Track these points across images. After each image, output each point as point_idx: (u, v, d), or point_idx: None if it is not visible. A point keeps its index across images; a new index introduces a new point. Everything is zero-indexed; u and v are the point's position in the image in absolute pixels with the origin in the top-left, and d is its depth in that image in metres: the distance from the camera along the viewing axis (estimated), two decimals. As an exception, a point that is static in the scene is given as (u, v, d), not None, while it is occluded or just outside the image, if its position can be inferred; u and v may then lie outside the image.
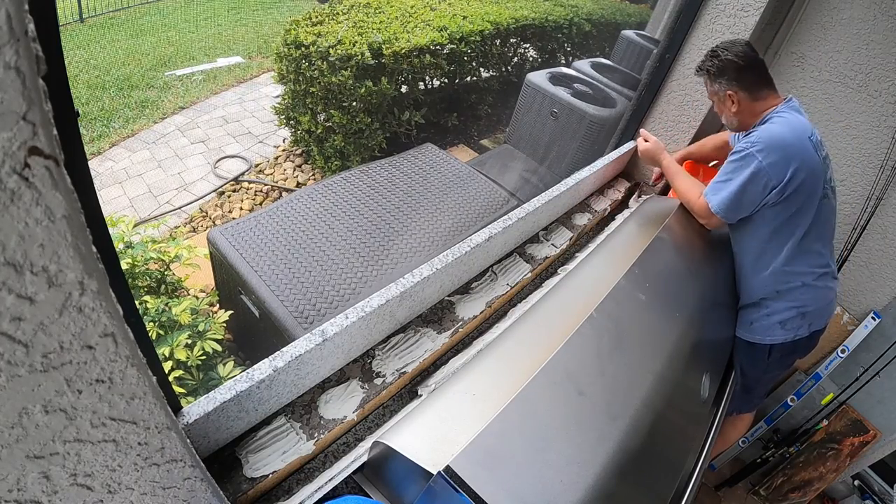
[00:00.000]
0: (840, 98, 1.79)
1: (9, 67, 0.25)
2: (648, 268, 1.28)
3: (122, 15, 6.57)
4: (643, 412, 0.97)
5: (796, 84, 1.86)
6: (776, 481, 2.12)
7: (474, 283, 1.38)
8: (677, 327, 1.23)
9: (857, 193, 1.83)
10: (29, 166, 0.28)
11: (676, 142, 1.92)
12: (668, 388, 1.07)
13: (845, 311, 2.00)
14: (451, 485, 0.70)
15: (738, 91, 1.38)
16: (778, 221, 1.37)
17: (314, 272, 2.04)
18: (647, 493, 0.94)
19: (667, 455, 1.04)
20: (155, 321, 1.82)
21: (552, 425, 0.85)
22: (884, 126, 1.72)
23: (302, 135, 3.88)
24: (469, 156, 4.29)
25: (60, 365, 0.37)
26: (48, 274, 0.32)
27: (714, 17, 1.69)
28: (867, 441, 1.94)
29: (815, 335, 1.51)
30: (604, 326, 1.06)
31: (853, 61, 1.73)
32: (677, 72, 1.83)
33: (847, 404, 1.97)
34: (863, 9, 1.66)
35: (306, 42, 3.46)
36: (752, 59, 1.36)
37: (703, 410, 1.25)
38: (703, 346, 1.33)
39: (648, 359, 1.09)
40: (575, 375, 0.94)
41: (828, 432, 2.01)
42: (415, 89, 3.96)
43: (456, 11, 4.11)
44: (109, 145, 4.16)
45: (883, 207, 1.78)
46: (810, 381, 2.02)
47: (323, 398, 1.00)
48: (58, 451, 0.41)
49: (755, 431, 2.16)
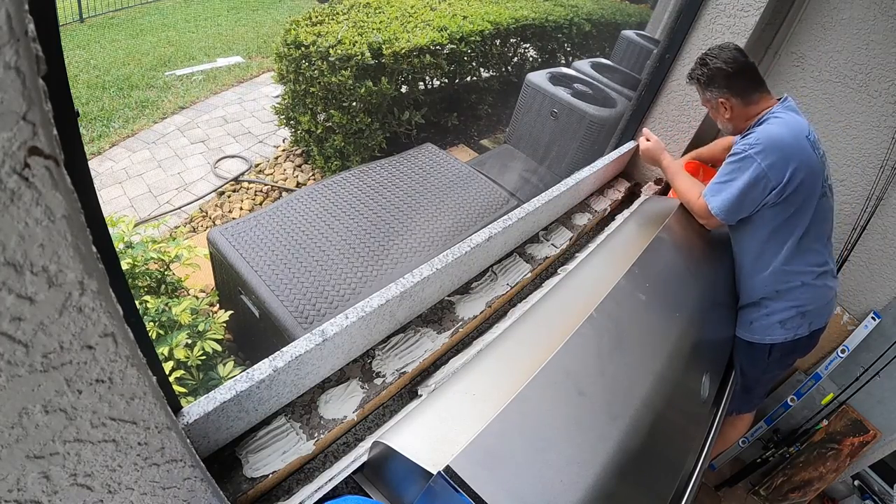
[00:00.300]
0: (840, 98, 1.79)
1: (9, 67, 0.25)
2: (648, 268, 1.28)
3: (122, 15, 6.57)
4: (643, 412, 0.97)
5: (796, 84, 1.86)
6: (776, 481, 2.12)
7: (474, 283, 1.38)
8: (677, 327, 1.23)
9: (857, 193, 1.83)
10: (29, 166, 0.28)
11: (676, 142, 1.92)
12: (668, 388, 1.07)
13: (845, 311, 2.00)
14: (451, 485, 0.70)
15: (729, 98, 1.37)
16: (777, 221, 1.37)
17: (314, 272, 2.04)
18: (647, 493, 0.94)
19: (667, 455, 1.04)
20: (155, 321, 1.82)
21: (552, 425, 0.85)
22: (884, 126, 1.72)
23: (302, 135, 3.88)
24: (469, 156, 4.29)
25: (60, 365, 0.37)
26: (48, 274, 0.32)
27: (714, 17, 1.69)
28: (867, 441, 1.94)
29: (815, 334, 1.51)
30: (604, 326, 1.06)
31: (853, 61, 1.73)
32: (677, 72, 1.83)
33: (847, 404, 1.97)
34: (863, 9, 1.66)
35: (306, 42, 3.46)
36: (741, 64, 1.36)
37: (703, 410, 1.25)
38: (703, 346, 1.33)
39: (648, 359, 1.09)
40: (575, 375, 0.94)
41: (828, 432, 2.01)
42: (415, 89, 3.96)
43: (456, 11, 4.11)
44: (109, 145, 4.17)
45: (883, 207, 1.78)
46: (810, 381, 2.02)
47: (323, 398, 1.00)
48: (58, 451, 0.41)
49: (755, 431, 2.16)
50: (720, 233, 1.56)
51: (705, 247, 1.53)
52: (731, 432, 1.90)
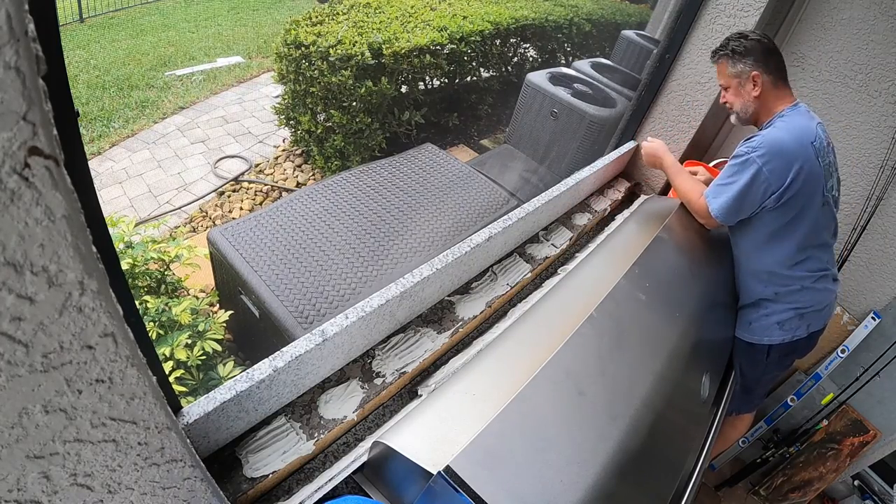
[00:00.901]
0: (840, 98, 1.79)
1: (9, 67, 0.25)
2: (648, 268, 1.28)
3: (122, 15, 6.57)
4: (643, 412, 0.97)
5: (796, 84, 1.86)
6: (776, 481, 2.12)
7: (474, 283, 1.38)
8: (677, 327, 1.23)
9: (857, 193, 1.83)
10: (29, 166, 0.28)
11: (676, 142, 1.92)
12: (668, 388, 1.07)
13: (845, 311, 2.00)
14: (451, 485, 0.70)
15: (762, 73, 1.34)
16: (776, 225, 1.37)
17: (314, 272, 2.04)
18: (647, 493, 0.94)
19: (667, 455, 1.04)
20: (155, 321, 1.82)
21: (552, 425, 0.85)
22: (884, 126, 1.72)
23: (302, 135, 3.88)
24: (469, 156, 4.29)
25: (60, 365, 0.37)
26: (48, 274, 0.32)
27: (714, 17, 1.69)
28: (867, 441, 1.94)
29: (813, 336, 1.51)
30: (604, 326, 1.06)
31: (853, 61, 1.73)
32: (677, 72, 1.83)
33: (847, 404, 1.97)
34: (863, 9, 1.66)
35: (306, 42, 3.46)
36: (775, 47, 1.36)
37: (703, 410, 1.25)
38: (703, 346, 1.33)
39: (648, 359, 1.09)
40: (575, 375, 0.94)
41: (828, 432, 2.01)
42: (415, 89, 3.96)
43: (456, 11, 4.11)
44: (109, 145, 4.16)
45: (883, 207, 1.78)
46: (810, 381, 2.02)
47: (323, 398, 1.00)
48: (58, 451, 0.41)
49: (755, 431, 2.16)
50: (720, 233, 1.56)
51: (705, 247, 1.53)
52: (731, 432, 1.90)
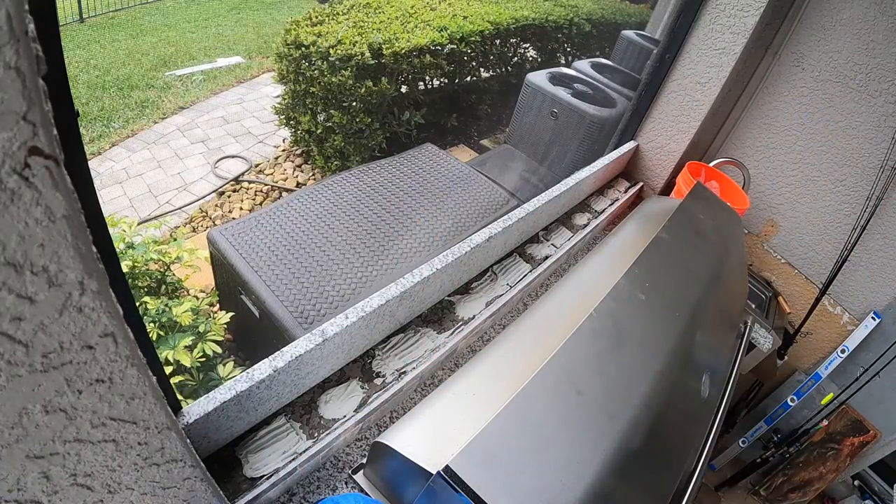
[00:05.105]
0: (840, 98, 1.79)
1: (9, 67, 0.25)
2: (648, 268, 1.28)
3: (122, 15, 6.57)
4: (643, 412, 0.97)
5: (796, 84, 1.86)
6: (776, 481, 2.12)
7: (474, 282, 1.38)
8: (677, 327, 1.23)
9: (858, 193, 1.83)
10: (29, 166, 0.28)
11: (676, 142, 1.92)
12: (668, 387, 1.07)
13: (845, 311, 2.00)
14: (451, 485, 0.70)
15: None
16: None
17: (314, 272, 2.04)
18: (647, 493, 0.94)
19: (667, 455, 1.04)
20: (155, 322, 1.82)
21: (552, 425, 0.85)
22: (884, 126, 1.72)
23: (302, 135, 3.88)
24: (469, 156, 4.29)
25: (60, 365, 0.37)
26: (48, 274, 0.32)
27: (714, 17, 1.69)
28: (867, 441, 1.94)
29: None
30: (603, 326, 1.06)
31: (853, 61, 1.73)
32: (677, 72, 1.83)
33: (847, 404, 1.97)
34: (863, 9, 1.66)
35: (306, 42, 3.46)
36: None
37: (703, 410, 1.25)
38: (704, 346, 1.33)
39: (648, 358, 1.09)
40: (574, 375, 0.94)
41: (828, 432, 2.01)
42: (415, 89, 3.96)
43: (456, 11, 4.11)
44: (109, 145, 4.17)
45: (883, 207, 1.78)
46: (810, 380, 2.02)
47: (323, 398, 1.00)
48: (58, 451, 0.41)
49: (755, 431, 2.16)
50: (720, 233, 1.56)
51: (705, 247, 1.53)
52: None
